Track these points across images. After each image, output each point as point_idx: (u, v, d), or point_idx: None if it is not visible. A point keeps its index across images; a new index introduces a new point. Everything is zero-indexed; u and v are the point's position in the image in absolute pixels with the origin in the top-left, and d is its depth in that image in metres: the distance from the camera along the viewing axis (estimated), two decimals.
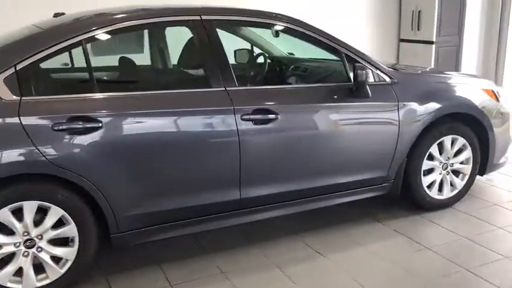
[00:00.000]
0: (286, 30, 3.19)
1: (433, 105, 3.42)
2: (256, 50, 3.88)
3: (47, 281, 2.59)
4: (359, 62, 3.21)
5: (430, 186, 3.57)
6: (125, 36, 3.18)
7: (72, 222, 2.56)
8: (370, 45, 6.97)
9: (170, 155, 2.75)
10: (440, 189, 3.65)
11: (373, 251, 3.11)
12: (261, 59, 3.96)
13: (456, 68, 6.77)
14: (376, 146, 3.31)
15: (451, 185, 3.69)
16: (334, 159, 3.21)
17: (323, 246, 3.15)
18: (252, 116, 2.87)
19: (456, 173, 3.70)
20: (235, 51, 3.85)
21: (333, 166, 3.23)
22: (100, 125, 2.53)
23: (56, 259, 2.60)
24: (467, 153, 3.67)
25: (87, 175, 2.53)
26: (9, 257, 2.49)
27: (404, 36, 7.04)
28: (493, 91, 3.77)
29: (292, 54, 4.10)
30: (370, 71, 3.15)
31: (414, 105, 3.35)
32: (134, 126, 2.64)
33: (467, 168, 3.72)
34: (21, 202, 2.44)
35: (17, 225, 2.45)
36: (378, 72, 3.32)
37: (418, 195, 3.57)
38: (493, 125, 3.67)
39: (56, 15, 3.05)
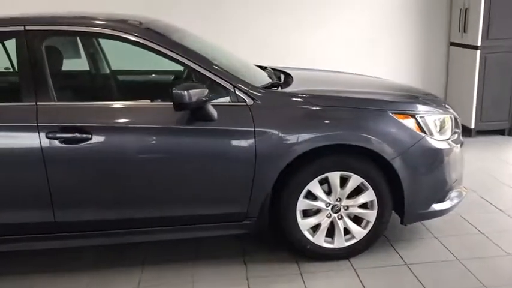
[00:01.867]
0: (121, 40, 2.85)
1: (304, 134, 2.77)
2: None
3: None
4: (210, 79, 2.76)
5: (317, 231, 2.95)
6: None
7: None
8: (416, 48, 6.02)
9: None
10: (332, 236, 2.99)
11: None
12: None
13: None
14: (225, 177, 2.80)
15: (348, 232, 2.99)
16: (165, 189, 2.80)
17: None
18: (58, 135, 2.65)
19: (359, 218, 2.99)
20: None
21: (165, 196, 2.81)
22: None
23: None
24: (369, 196, 2.92)
25: None
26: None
27: (454, 39, 5.88)
28: (416, 119, 2.92)
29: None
30: (204, 91, 2.65)
31: (277, 132, 2.75)
32: None
33: (371, 214, 2.96)
34: None
35: None
36: (237, 91, 2.80)
37: (293, 239, 2.95)
38: (407, 163, 2.85)
39: None
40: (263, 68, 3.75)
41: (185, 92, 2.56)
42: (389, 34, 5.96)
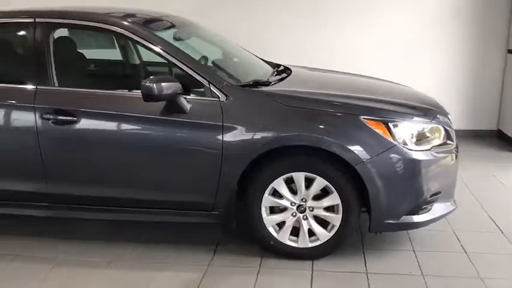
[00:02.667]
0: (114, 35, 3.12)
1: (268, 133, 2.85)
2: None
3: None
4: (188, 74, 2.93)
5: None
6: None
7: None
8: (470, 54, 5.69)
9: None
10: (297, 235, 3.02)
11: None
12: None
13: None
14: (194, 168, 2.96)
15: (313, 234, 3.00)
16: (137, 172, 3.03)
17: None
18: (51, 116, 2.99)
19: (326, 221, 2.99)
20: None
21: (137, 179, 3.05)
22: None
23: None
24: (334, 199, 2.91)
25: None
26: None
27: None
28: (388, 126, 2.84)
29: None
30: (176, 85, 2.82)
31: (243, 129, 2.86)
32: None
33: (336, 218, 2.95)
34: None
35: None
36: (211, 87, 2.94)
37: (258, 234, 3.04)
38: (374, 170, 2.80)
39: None
40: (277, 65, 3.89)
41: (154, 84, 2.76)
42: (438, 41, 5.68)
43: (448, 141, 3.09)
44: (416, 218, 2.97)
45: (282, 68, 3.88)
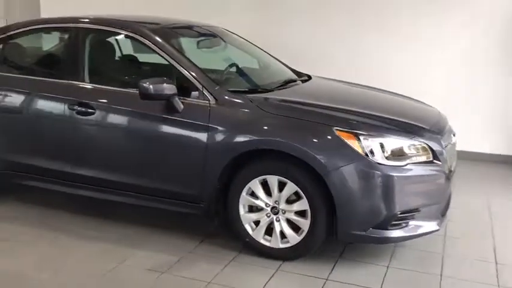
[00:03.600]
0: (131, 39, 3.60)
1: (244, 136, 3.08)
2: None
3: None
4: (186, 78, 3.28)
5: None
6: (43, 36, 4.17)
7: None
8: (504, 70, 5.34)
9: (33, 124, 3.73)
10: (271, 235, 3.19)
11: None
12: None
13: None
14: (182, 161, 3.29)
15: (285, 236, 3.14)
16: (134, 160, 3.45)
17: None
18: (76, 107, 3.52)
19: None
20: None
21: (134, 166, 3.46)
22: None
23: None
24: (303, 205, 3.04)
25: None
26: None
27: None
28: (358, 138, 2.90)
29: None
30: (170, 87, 3.15)
31: (224, 130, 3.13)
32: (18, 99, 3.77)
33: (305, 223, 3.06)
34: None
35: None
36: (204, 91, 3.24)
37: (235, 229, 3.26)
38: (341, 180, 2.88)
39: None
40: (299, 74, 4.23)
41: (150, 85, 3.14)
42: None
43: (435, 161, 3.06)
44: (387, 233, 2.99)
45: (302, 76, 4.11)
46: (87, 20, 3.74)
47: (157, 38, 3.48)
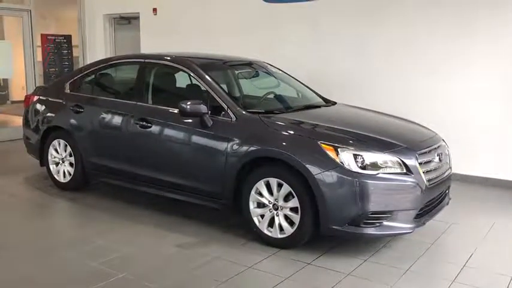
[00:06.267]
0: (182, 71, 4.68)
1: (251, 146, 3.95)
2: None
3: None
4: (216, 101, 4.24)
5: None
6: (123, 67, 5.41)
7: None
8: None
9: (111, 135, 4.95)
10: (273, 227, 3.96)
11: None
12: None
13: None
14: (208, 164, 4.23)
15: (282, 228, 3.88)
16: (179, 164, 4.44)
17: None
18: (138, 122, 4.65)
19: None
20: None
21: (177, 169, 4.45)
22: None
23: None
24: (295, 202, 3.79)
25: None
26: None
27: None
28: (336, 150, 3.63)
29: None
30: (201, 107, 4.11)
31: (238, 142, 4.02)
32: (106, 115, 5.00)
33: (296, 218, 3.80)
34: None
35: None
36: (228, 111, 4.16)
37: (247, 221, 4.07)
38: (321, 183, 3.62)
39: None
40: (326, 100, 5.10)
41: (187, 105, 4.14)
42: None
43: (408, 173, 3.66)
44: (360, 230, 3.65)
45: (328, 103, 5.02)
46: (152, 56, 4.93)
47: (200, 70, 4.52)
